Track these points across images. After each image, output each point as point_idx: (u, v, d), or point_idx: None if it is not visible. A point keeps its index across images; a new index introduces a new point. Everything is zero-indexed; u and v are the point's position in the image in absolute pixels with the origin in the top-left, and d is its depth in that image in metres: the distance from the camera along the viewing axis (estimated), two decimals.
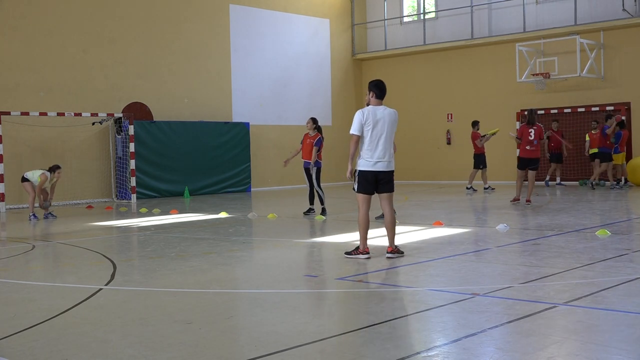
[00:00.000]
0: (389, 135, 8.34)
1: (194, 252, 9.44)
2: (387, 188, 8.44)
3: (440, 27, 25.24)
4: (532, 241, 9.63)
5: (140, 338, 5.20)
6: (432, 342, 4.96)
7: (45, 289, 7.33)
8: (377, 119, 8.32)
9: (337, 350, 4.79)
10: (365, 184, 8.39)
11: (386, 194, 8.46)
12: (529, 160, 14.96)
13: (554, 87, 22.35)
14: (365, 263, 8.26)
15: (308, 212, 13.97)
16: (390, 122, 8.37)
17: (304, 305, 6.44)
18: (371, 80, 8.58)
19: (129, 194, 19.49)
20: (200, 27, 22.24)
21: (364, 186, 8.40)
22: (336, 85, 26.37)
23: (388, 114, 8.39)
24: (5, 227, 13.98)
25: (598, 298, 6.05)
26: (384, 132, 8.31)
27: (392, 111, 8.47)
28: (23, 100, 18.48)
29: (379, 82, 8.50)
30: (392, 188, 8.48)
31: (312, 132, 13.92)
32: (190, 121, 21.48)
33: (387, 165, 8.38)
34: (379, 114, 8.35)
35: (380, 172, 8.36)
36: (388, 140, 8.34)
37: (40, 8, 18.95)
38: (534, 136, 14.72)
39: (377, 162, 8.34)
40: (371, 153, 8.33)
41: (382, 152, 8.33)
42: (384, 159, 8.35)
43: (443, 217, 12.95)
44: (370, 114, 8.33)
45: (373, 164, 8.34)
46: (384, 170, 8.38)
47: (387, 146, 8.34)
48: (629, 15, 20.93)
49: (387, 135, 8.32)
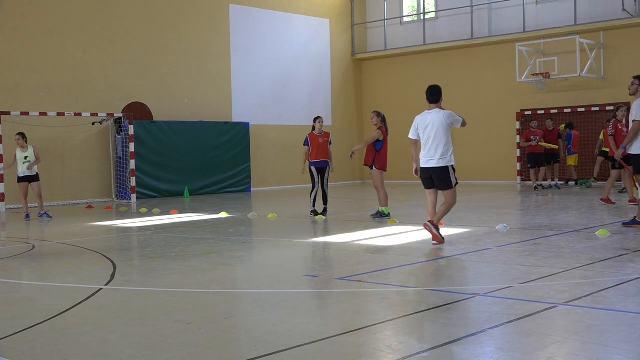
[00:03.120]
0: (438, 136, 9.26)
1: (194, 252, 9.44)
2: (443, 185, 9.42)
3: (440, 27, 25.24)
4: (532, 241, 9.63)
5: (140, 338, 5.20)
6: (432, 342, 4.96)
7: (45, 289, 7.33)
8: (426, 123, 9.37)
9: (337, 350, 4.79)
10: (423, 179, 9.61)
11: (443, 191, 9.48)
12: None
13: (554, 87, 22.35)
14: (365, 263, 8.27)
15: (324, 212, 13.58)
16: (439, 125, 9.27)
17: (304, 305, 6.44)
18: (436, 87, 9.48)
19: (129, 194, 19.49)
20: (200, 27, 22.24)
21: (423, 181, 9.65)
22: (336, 85, 26.37)
23: (437, 118, 9.31)
24: (5, 227, 13.98)
25: (598, 298, 6.05)
26: (432, 134, 9.28)
27: (442, 114, 9.33)
28: (23, 100, 18.48)
29: (430, 87, 9.47)
30: (447, 185, 9.39)
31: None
32: (190, 121, 21.48)
33: (436, 162, 9.33)
34: (429, 119, 9.38)
35: (430, 169, 9.39)
36: (437, 140, 9.27)
37: (40, 8, 18.96)
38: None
39: (428, 160, 9.38)
40: (424, 152, 9.44)
41: (433, 151, 9.33)
42: (434, 157, 9.34)
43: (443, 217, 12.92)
44: (419, 120, 9.50)
45: (425, 162, 9.45)
46: (434, 166, 9.36)
47: (436, 146, 9.28)
48: (629, 15, 20.93)
49: (435, 137, 9.27)
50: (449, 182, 9.39)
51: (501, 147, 22.98)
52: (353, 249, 9.44)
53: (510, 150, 23.12)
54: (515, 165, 22.88)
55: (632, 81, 10.51)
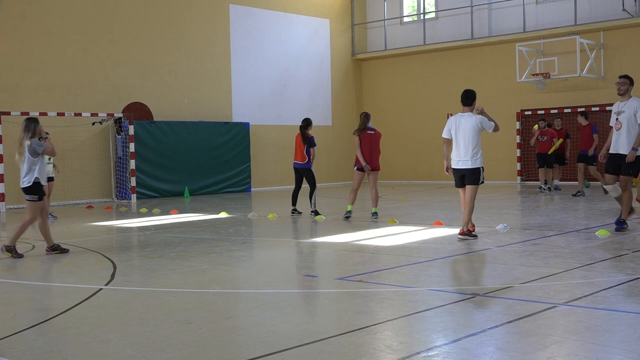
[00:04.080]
0: (469, 139, 9.78)
1: (194, 252, 9.44)
2: (470, 181, 9.87)
3: (440, 27, 25.24)
4: (532, 241, 9.63)
5: (140, 338, 5.20)
6: (432, 342, 4.96)
7: (45, 289, 7.33)
8: (458, 125, 9.91)
9: (337, 350, 4.79)
10: (454, 178, 10.07)
11: (468, 185, 9.91)
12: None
13: (554, 87, 22.35)
14: (365, 263, 8.27)
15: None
16: (470, 128, 9.81)
17: (304, 305, 6.44)
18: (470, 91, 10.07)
19: (129, 194, 19.49)
20: (200, 27, 22.24)
21: (455, 180, 10.09)
22: (336, 85, 26.37)
23: (470, 121, 9.86)
24: (5, 227, 13.98)
25: (598, 298, 6.05)
26: (464, 136, 9.82)
27: (474, 119, 9.86)
28: (23, 100, 18.47)
29: (466, 90, 10.05)
30: (474, 181, 9.85)
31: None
32: (190, 121, 21.47)
33: (467, 164, 9.84)
34: (462, 121, 9.92)
35: (462, 169, 9.91)
36: (467, 143, 9.79)
37: (40, 8, 18.95)
38: None
39: (459, 160, 9.90)
40: (455, 153, 9.96)
41: (464, 152, 9.85)
42: (464, 158, 9.86)
43: (443, 217, 12.95)
44: (453, 121, 10.02)
45: (456, 163, 9.95)
46: (465, 167, 9.88)
47: (466, 148, 9.81)
48: (629, 15, 20.93)
49: (467, 139, 9.80)
50: (477, 179, 9.88)
51: (501, 147, 22.96)
52: (353, 249, 9.44)
53: (510, 150, 23.12)
54: (515, 165, 22.88)
55: (621, 81, 10.21)
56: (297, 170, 14.08)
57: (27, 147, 9.12)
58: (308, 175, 13.90)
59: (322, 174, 24.60)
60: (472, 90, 10.07)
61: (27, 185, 9.22)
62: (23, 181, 9.25)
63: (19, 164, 9.28)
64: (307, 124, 13.94)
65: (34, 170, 9.21)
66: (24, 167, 9.22)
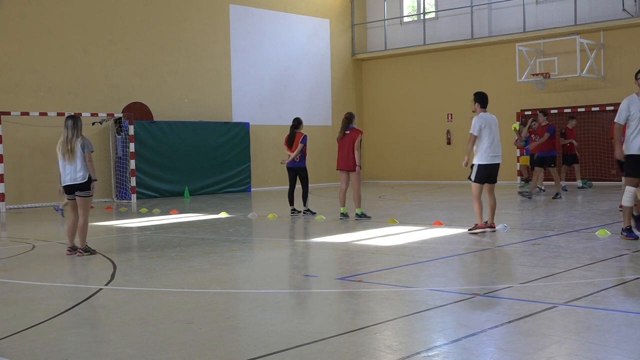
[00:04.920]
0: (498, 136, 10.53)
1: (194, 252, 9.44)
2: (494, 179, 10.60)
3: (440, 27, 25.24)
4: (532, 241, 9.63)
5: (140, 338, 5.20)
6: (432, 342, 4.96)
7: (45, 289, 7.32)
8: (490, 123, 10.48)
9: (337, 350, 4.79)
10: (483, 174, 10.45)
11: (492, 185, 10.59)
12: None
13: (554, 87, 22.35)
14: (365, 263, 8.27)
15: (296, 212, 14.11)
16: (497, 126, 10.59)
17: (304, 305, 6.44)
18: (475, 92, 10.73)
19: (129, 194, 19.49)
20: (200, 27, 22.24)
21: (482, 177, 10.46)
22: (336, 85, 26.37)
23: (495, 119, 10.64)
24: (5, 227, 13.98)
25: (598, 298, 6.05)
26: (495, 134, 10.48)
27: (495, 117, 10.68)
28: (23, 100, 18.47)
29: (483, 94, 10.66)
30: (496, 180, 10.67)
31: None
32: (190, 121, 21.47)
33: (500, 159, 10.64)
34: (490, 119, 10.54)
35: (497, 165, 10.57)
36: (498, 140, 10.52)
37: (40, 8, 18.95)
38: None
39: (496, 156, 10.49)
40: (492, 149, 10.43)
41: (498, 148, 10.53)
42: (499, 154, 10.57)
43: (443, 217, 12.95)
44: (486, 120, 10.46)
45: (493, 157, 10.46)
46: (499, 162, 10.60)
47: (499, 144, 10.55)
48: (629, 15, 20.93)
49: (497, 136, 10.51)
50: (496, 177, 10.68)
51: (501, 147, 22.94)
52: (353, 249, 9.44)
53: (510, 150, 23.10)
54: (515, 165, 22.86)
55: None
56: (292, 170, 14.10)
57: (79, 144, 9.23)
58: (303, 174, 14.00)
59: (322, 174, 24.61)
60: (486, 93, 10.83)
61: (82, 181, 9.27)
62: (77, 177, 9.26)
63: (66, 162, 9.27)
64: (298, 123, 14.07)
65: (86, 168, 9.30)
66: (77, 164, 9.26)
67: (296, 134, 13.95)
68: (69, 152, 9.22)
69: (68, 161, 9.24)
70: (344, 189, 13.26)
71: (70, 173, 9.26)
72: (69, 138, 9.25)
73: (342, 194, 13.32)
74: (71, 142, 9.23)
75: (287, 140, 14.10)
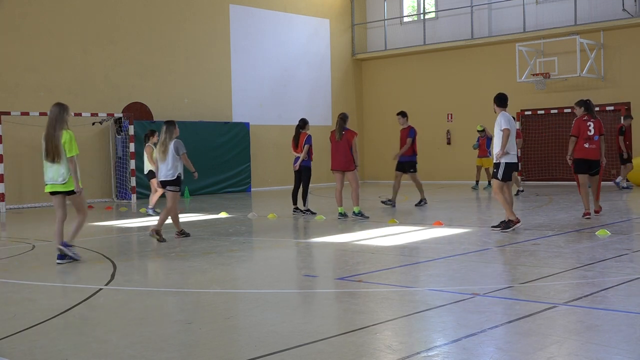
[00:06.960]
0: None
1: (194, 252, 9.44)
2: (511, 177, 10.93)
3: (440, 27, 25.24)
4: (532, 241, 9.63)
5: (140, 338, 5.20)
6: (432, 342, 4.96)
7: (45, 289, 7.32)
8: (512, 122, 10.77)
9: (337, 350, 4.79)
10: (510, 172, 10.70)
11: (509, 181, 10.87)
12: (589, 162, 12.15)
13: (554, 87, 22.34)
14: (365, 263, 8.27)
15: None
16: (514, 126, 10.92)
17: (304, 305, 6.44)
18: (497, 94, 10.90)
19: (129, 194, 19.48)
20: (200, 27, 22.24)
21: (508, 175, 10.68)
22: (336, 85, 26.37)
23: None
24: (5, 227, 13.98)
25: (598, 298, 6.05)
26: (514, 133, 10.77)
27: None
28: (23, 100, 18.47)
29: (503, 95, 10.87)
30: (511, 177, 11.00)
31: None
32: (190, 121, 21.47)
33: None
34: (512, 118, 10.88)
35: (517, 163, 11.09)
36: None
37: (40, 8, 18.95)
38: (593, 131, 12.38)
39: (515, 154, 10.82)
40: (515, 148, 10.78)
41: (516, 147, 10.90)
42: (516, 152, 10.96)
43: (443, 217, 12.95)
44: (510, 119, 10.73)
45: (515, 157, 10.77)
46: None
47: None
48: (629, 15, 20.93)
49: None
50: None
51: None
52: (353, 249, 9.44)
53: None
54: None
55: None
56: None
57: (172, 146, 10.62)
58: (306, 173, 14.06)
59: (323, 174, 24.59)
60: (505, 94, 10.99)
61: (172, 178, 10.68)
62: (167, 174, 10.66)
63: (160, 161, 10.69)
64: (304, 124, 14.12)
65: (176, 167, 10.69)
66: (168, 163, 10.65)
67: (300, 135, 14.05)
68: (162, 152, 10.68)
69: (160, 161, 10.67)
70: (340, 189, 13.30)
71: (162, 170, 10.65)
72: (162, 140, 10.72)
73: (338, 194, 13.33)
74: (163, 144, 10.68)
75: (293, 141, 14.19)
